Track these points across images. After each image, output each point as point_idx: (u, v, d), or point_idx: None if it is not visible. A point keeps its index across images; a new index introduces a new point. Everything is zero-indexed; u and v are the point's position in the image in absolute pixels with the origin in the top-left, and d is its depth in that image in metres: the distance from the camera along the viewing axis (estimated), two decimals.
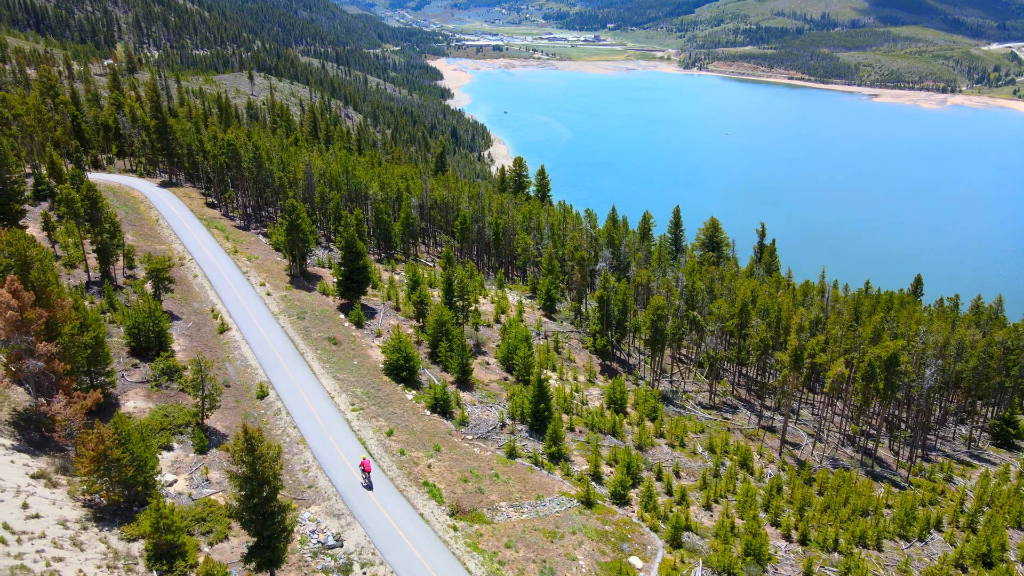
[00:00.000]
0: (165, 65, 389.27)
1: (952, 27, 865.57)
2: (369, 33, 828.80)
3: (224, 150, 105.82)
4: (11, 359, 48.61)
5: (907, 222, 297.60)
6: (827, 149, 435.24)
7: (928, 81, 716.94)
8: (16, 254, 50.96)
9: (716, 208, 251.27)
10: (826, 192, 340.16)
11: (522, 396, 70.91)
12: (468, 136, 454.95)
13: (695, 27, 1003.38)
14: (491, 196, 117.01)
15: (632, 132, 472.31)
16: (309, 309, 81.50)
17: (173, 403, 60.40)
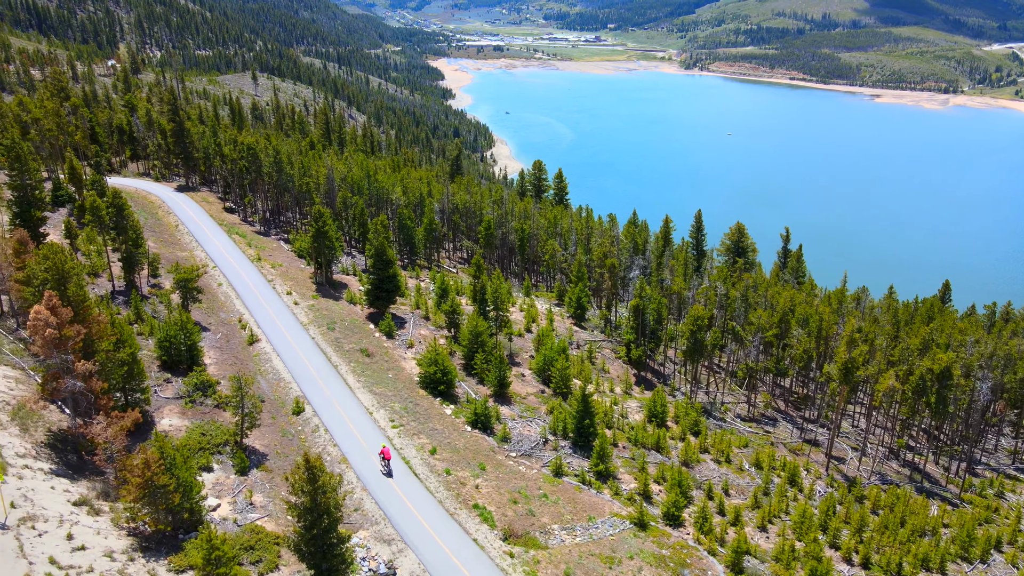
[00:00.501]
0: (168, 65, 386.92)
1: (953, 27, 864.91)
2: (370, 33, 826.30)
3: (244, 154, 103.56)
4: (49, 378, 46.43)
5: (914, 223, 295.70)
6: (830, 150, 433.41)
7: (930, 81, 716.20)
8: (53, 268, 48.76)
9: (721, 209, 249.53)
10: (831, 193, 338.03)
11: (562, 410, 68.94)
12: (471, 137, 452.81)
13: (696, 27, 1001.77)
14: (514, 201, 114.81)
15: (634, 133, 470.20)
16: (338, 319, 79.33)
17: (209, 420, 58.23)
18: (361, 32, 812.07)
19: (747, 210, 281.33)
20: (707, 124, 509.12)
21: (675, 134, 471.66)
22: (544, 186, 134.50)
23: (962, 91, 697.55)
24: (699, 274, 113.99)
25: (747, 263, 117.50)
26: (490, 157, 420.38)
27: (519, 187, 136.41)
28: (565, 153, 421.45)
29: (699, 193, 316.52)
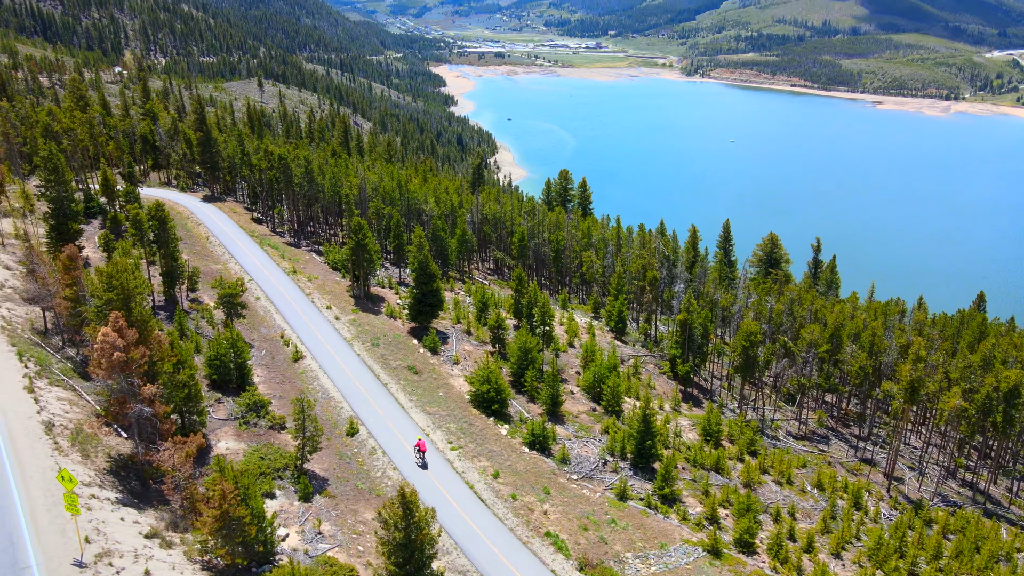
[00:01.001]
0: (173, 72, 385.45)
1: (953, 34, 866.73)
2: (371, 40, 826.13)
3: (275, 165, 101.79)
4: (114, 403, 44.56)
5: (921, 231, 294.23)
6: (834, 156, 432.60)
7: (931, 88, 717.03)
8: (119, 287, 46.93)
9: (725, 216, 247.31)
10: (836, 200, 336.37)
11: (617, 429, 67.26)
12: (474, 143, 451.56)
13: (696, 34, 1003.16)
14: (545, 212, 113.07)
15: (637, 140, 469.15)
16: (381, 334, 77.54)
17: (265, 443, 56.36)
18: (363, 39, 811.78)
19: (753, 218, 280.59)
20: (710, 131, 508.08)
21: (678, 141, 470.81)
22: (570, 195, 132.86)
23: (963, 98, 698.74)
24: (732, 286, 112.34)
25: (780, 274, 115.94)
26: (494, 164, 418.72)
27: (544, 196, 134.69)
28: (569, 160, 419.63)
29: (704, 200, 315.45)
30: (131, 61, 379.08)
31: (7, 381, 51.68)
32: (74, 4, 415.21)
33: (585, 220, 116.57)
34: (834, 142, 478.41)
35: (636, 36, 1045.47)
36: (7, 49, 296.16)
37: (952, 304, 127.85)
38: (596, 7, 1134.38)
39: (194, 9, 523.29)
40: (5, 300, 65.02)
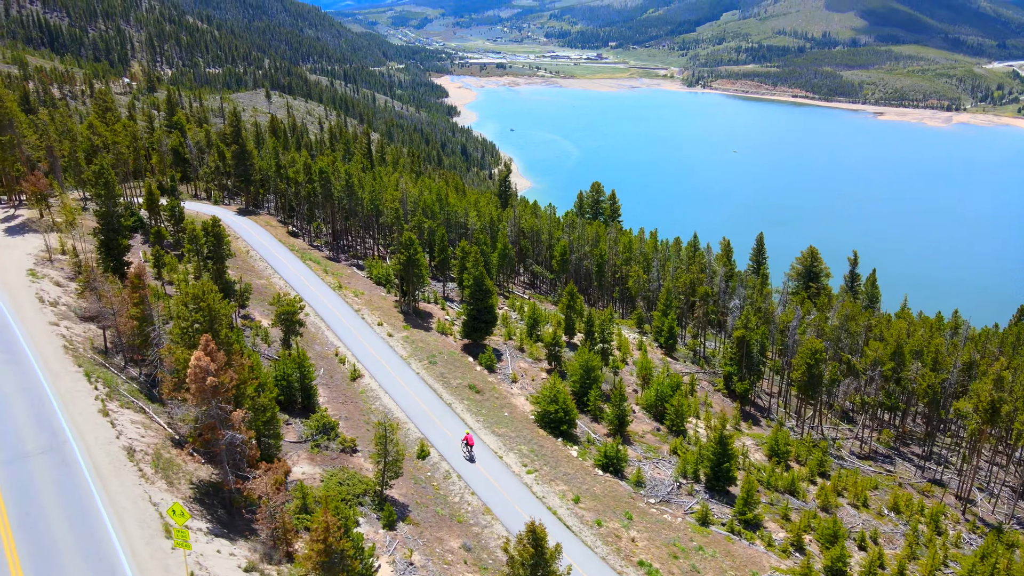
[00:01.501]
0: (180, 83, 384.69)
1: (953, 46, 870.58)
2: (374, 51, 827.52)
3: (315, 178, 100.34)
4: (204, 429, 42.83)
5: (927, 241, 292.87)
6: (837, 167, 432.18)
7: (932, 99, 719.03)
8: (206, 309, 45.29)
9: (730, 228, 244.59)
10: (841, 211, 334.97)
11: (685, 450, 65.68)
12: (478, 154, 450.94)
13: (697, 45, 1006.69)
14: (584, 225, 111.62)
15: (640, 150, 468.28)
16: (436, 352, 75.91)
17: (339, 467, 54.63)
18: (365, 50, 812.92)
19: (758, 228, 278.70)
20: (712, 141, 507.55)
21: (681, 151, 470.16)
22: (602, 208, 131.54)
23: (965, 109, 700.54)
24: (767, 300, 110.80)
25: (820, 288, 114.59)
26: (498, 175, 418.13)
27: (576, 208, 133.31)
28: (572, 171, 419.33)
29: (709, 211, 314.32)
30: (139, 72, 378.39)
31: (81, 405, 50.00)
32: (81, 16, 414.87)
33: (624, 233, 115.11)
34: (837, 153, 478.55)
35: (637, 47, 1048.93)
36: (17, 60, 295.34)
37: (970, 316, 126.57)
38: (596, 19, 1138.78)
39: (199, 21, 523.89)
40: (62, 318, 63.32)
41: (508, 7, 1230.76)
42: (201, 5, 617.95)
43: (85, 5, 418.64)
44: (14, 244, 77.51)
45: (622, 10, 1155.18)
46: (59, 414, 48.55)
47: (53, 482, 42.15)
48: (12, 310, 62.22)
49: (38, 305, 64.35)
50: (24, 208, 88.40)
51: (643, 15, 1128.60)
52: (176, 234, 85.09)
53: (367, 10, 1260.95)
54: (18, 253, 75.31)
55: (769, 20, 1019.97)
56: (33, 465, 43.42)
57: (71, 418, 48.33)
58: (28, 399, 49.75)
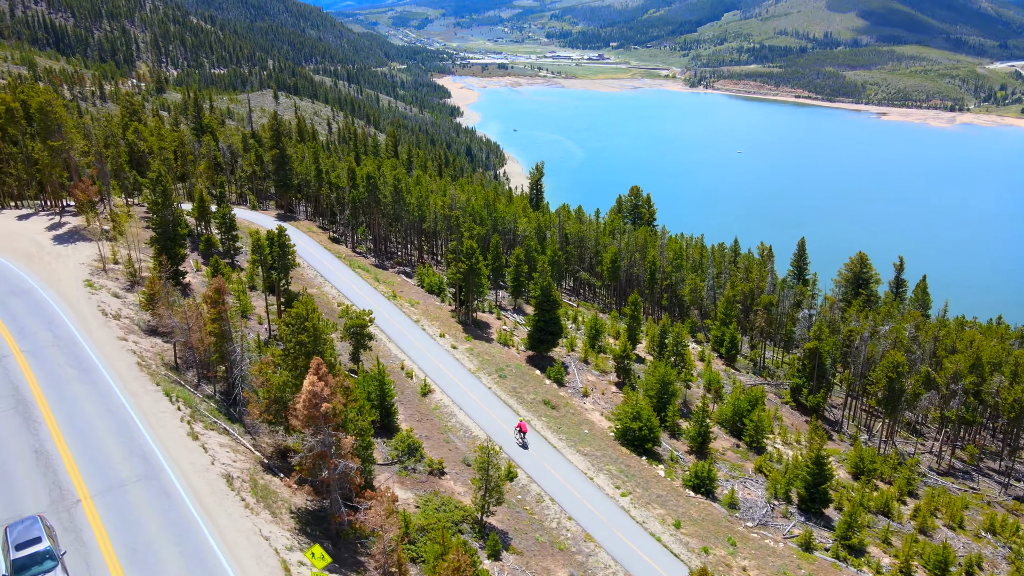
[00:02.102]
0: (187, 84, 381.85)
1: (954, 46, 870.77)
2: (375, 51, 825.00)
3: (360, 183, 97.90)
4: (316, 458, 40.39)
5: (936, 242, 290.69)
6: (842, 167, 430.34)
7: (935, 100, 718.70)
8: (310, 330, 42.85)
9: (737, 229, 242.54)
10: (847, 211, 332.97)
11: (771, 469, 63.43)
12: (483, 155, 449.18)
13: (698, 46, 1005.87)
14: (632, 231, 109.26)
15: (644, 150, 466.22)
16: (503, 365, 73.56)
17: (431, 491, 52.24)
18: (367, 50, 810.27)
19: (765, 229, 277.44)
20: (716, 142, 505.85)
21: (685, 152, 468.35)
22: (641, 211, 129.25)
23: (968, 109, 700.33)
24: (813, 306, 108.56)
25: (869, 295, 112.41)
26: (503, 175, 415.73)
27: (614, 212, 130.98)
28: (577, 171, 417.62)
29: (716, 211, 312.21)
30: (147, 73, 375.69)
31: (168, 427, 47.60)
32: (86, 16, 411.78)
33: (673, 239, 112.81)
34: (842, 153, 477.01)
35: (638, 48, 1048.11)
36: (26, 61, 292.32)
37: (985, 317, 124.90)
38: (597, 19, 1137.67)
39: (202, 21, 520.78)
40: (128, 332, 60.84)
41: (508, 7, 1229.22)
42: (204, 5, 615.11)
43: (90, 5, 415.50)
44: (66, 253, 74.92)
45: (623, 10, 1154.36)
46: (148, 438, 46.13)
47: (157, 514, 39.70)
48: (78, 324, 59.73)
49: (102, 319, 61.86)
50: (69, 215, 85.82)
51: (644, 15, 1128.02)
52: (227, 242, 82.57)
53: (367, 10, 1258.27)
54: (71, 263, 72.74)
55: (770, 20, 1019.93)
56: (131, 495, 40.98)
57: (161, 442, 45.91)
58: (113, 422, 47.31)
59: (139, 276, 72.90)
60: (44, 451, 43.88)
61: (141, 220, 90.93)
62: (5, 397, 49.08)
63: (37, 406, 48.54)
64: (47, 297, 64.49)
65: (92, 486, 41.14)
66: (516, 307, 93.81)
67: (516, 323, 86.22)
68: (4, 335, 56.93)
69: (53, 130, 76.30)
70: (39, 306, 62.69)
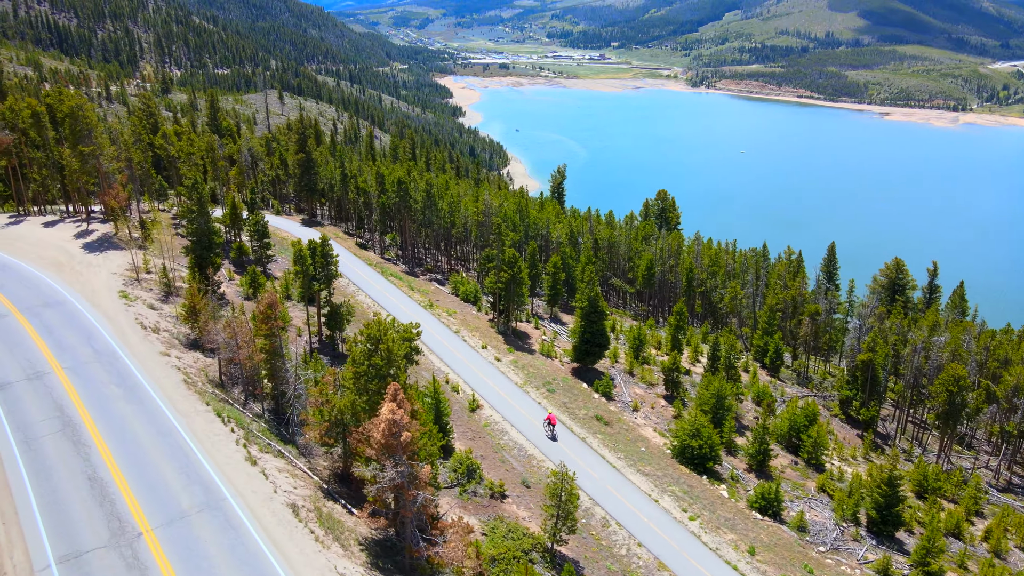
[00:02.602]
0: (190, 84, 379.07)
1: (956, 46, 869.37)
2: (377, 51, 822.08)
3: (389, 188, 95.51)
4: (392, 489, 38.02)
5: (943, 244, 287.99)
6: (847, 167, 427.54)
7: (938, 100, 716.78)
8: (383, 352, 40.46)
9: (741, 230, 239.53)
10: (852, 212, 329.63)
11: (834, 488, 61.17)
12: (486, 155, 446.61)
13: (700, 45, 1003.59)
14: (666, 237, 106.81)
15: (647, 150, 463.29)
16: (550, 378, 71.25)
17: (495, 516, 49.92)
18: (368, 50, 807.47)
19: (771, 230, 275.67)
20: (719, 142, 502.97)
21: (688, 152, 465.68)
22: (670, 216, 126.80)
23: (971, 109, 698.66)
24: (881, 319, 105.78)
25: (906, 302, 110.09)
26: (507, 175, 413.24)
27: (641, 216, 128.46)
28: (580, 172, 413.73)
29: (720, 212, 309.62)
30: (151, 73, 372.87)
31: (224, 451, 45.30)
32: (89, 16, 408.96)
33: (707, 245, 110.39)
34: (845, 153, 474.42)
35: (639, 48, 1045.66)
36: (32, 62, 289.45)
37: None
38: (598, 19, 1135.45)
39: (205, 22, 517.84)
40: (169, 346, 58.46)
41: (509, 7, 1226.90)
42: (205, 5, 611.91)
43: (93, 6, 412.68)
44: (97, 262, 72.54)
45: (624, 10, 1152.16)
46: (205, 463, 43.85)
47: (225, 549, 37.38)
48: (117, 339, 57.39)
49: (141, 332, 59.51)
50: (96, 222, 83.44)
51: (645, 15, 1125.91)
52: (259, 250, 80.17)
53: (368, 10, 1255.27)
54: (104, 273, 70.37)
55: (771, 20, 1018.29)
56: (196, 527, 38.65)
57: (219, 467, 43.63)
58: (167, 445, 45.01)
59: (174, 286, 70.60)
60: (98, 478, 41.56)
61: (171, 226, 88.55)
62: (51, 418, 46.84)
63: (85, 428, 46.26)
64: (82, 309, 62.21)
65: (153, 518, 38.83)
66: (552, 315, 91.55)
67: (555, 333, 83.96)
68: (43, 350, 54.67)
69: (83, 135, 73.87)
70: (75, 318, 60.40)
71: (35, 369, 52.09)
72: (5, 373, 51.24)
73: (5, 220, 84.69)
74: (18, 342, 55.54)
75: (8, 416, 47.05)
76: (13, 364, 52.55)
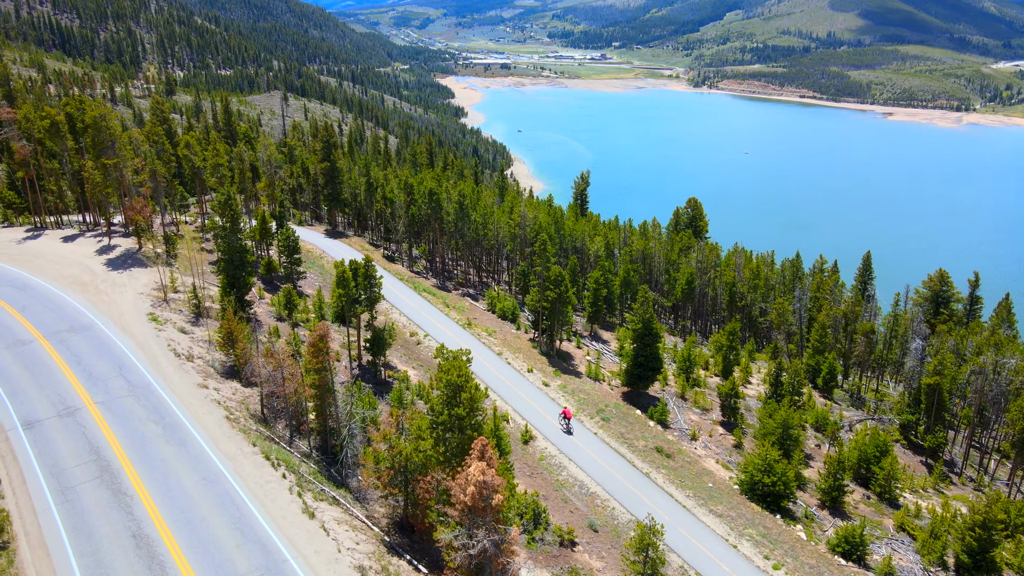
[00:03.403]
0: (194, 84, 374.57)
1: (958, 46, 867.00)
2: (378, 52, 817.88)
3: (419, 198, 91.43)
4: (479, 557, 34.03)
5: (954, 245, 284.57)
6: (851, 168, 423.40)
7: (941, 99, 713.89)
8: (466, 402, 36.50)
9: (749, 232, 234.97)
10: (859, 213, 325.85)
11: (914, 526, 57.27)
12: (489, 156, 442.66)
13: (701, 45, 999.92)
14: (705, 249, 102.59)
15: (651, 151, 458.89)
16: (602, 405, 67.34)
17: (566, 568, 46.00)
18: (369, 51, 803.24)
19: (776, 232, 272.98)
20: (722, 142, 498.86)
21: (692, 152, 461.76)
22: (700, 225, 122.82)
23: (974, 109, 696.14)
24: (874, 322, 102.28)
25: (951, 315, 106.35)
26: (510, 176, 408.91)
27: (672, 225, 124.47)
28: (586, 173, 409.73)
29: (725, 213, 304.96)
30: (155, 74, 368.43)
31: (279, 502, 41.37)
32: (91, 17, 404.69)
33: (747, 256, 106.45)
34: (849, 153, 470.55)
35: (640, 47, 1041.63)
36: (35, 63, 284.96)
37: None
38: (599, 19, 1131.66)
39: (207, 22, 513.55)
40: (206, 376, 54.48)
41: (510, 7, 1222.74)
42: (207, 6, 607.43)
43: (95, 6, 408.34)
44: (122, 281, 68.53)
45: (625, 10, 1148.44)
46: (259, 517, 39.92)
47: None
48: (151, 368, 53.42)
49: (175, 360, 55.55)
50: (118, 236, 79.43)
51: (646, 15, 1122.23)
52: (289, 266, 76.19)
53: (368, 10, 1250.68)
54: (130, 293, 66.38)
55: (773, 20, 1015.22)
56: None
57: (275, 522, 39.68)
58: (215, 495, 41.05)
59: (204, 307, 66.65)
60: (144, 536, 37.62)
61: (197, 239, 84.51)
62: (87, 463, 42.93)
63: (125, 474, 42.34)
64: (111, 335, 58.25)
65: None
66: (591, 332, 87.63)
67: (599, 352, 79.99)
68: (74, 383, 50.73)
69: (107, 147, 69.76)
70: (104, 346, 56.42)
71: (66, 404, 48.18)
72: (34, 409, 47.35)
73: (23, 234, 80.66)
74: (46, 373, 51.60)
75: (40, 459, 43.23)
76: (42, 399, 48.67)
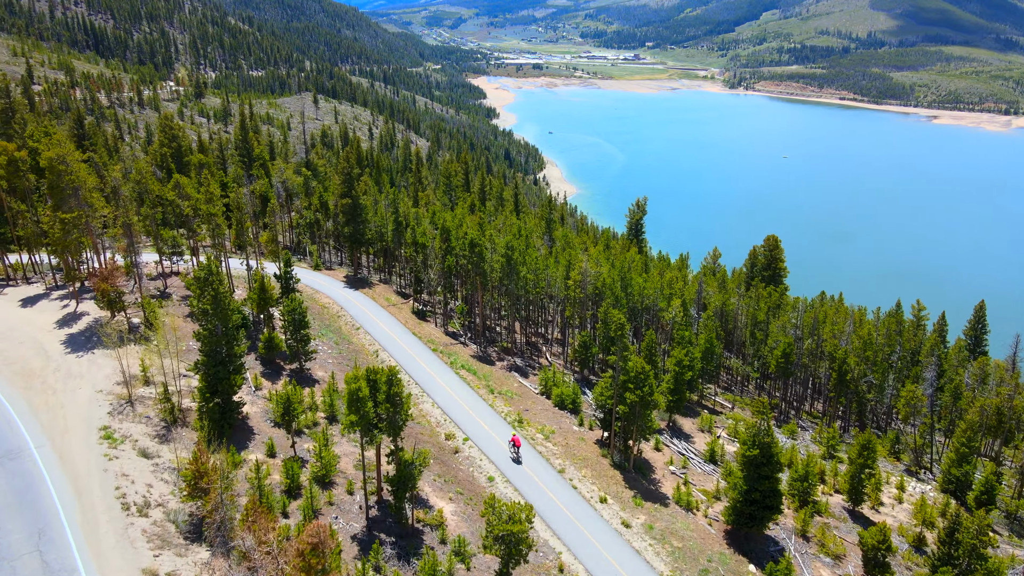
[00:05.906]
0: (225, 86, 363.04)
1: (1004, 47, 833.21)
2: (410, 51, 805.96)
3: (457, 245, 74.99)
4: None
5: (1004, 256, 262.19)
6: (895, 174, 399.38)
7: (988, 102, 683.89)
8: None
9: (788, 244, 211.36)
10: (904, 223, 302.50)
11: None
12: (521, 159, 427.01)
13: (737, 46, 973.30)
14: (805, 308, 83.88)
15: (686, 155, 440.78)
16: (703, 558, 50.08)
17: None
18: (401, 50, 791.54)
19: (818, 243, 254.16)
20: (760, 146, 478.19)
21: (728, 156, 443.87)
22: (779, 268, 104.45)
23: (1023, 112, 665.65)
24: None
25: None
26: (542, 180, 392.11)
27: (748, 268, 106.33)
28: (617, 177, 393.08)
29: (761, 225, 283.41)
30: (185, 77, 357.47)
31: None
32: (125, 18, 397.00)
33: (866, 324, 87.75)
34: (893, 159, 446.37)
35: (674, 48, 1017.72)
36: (63, 66, 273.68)
37: None
38: (633, 18, 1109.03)
39: (240, 22, 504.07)
40: (160, 546, 38.22)
41: (542, 7, 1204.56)
42: (241, 6, 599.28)
43: (130, 7, 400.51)
44: (79, 371, 52.85)
45: (659, 10, 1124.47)
46: None
47: None
48: (83, 536, 37.56)
49: (120, 519, 39.55)
50: (87, 299, 64.00)
51: (680, 15, 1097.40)
52: (294, 345, 60.12)
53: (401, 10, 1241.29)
54: (86, 390, 50.68)
55: (811, 20, 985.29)
56: None
57: None
58: None
59: (179, 410, 50.82)
60: None
61: (182, 301, 68.83)
62: None
63: None
64: (43, 470, 42.87)
65: None
66: (670, 423, 70.27)
67: (685, 460, 62.76)
68: None
69: (67, 195, 54.23)
70: (29, 490, 40.83)
71: None
72: None
73: None
74: None
75: None
76: None
